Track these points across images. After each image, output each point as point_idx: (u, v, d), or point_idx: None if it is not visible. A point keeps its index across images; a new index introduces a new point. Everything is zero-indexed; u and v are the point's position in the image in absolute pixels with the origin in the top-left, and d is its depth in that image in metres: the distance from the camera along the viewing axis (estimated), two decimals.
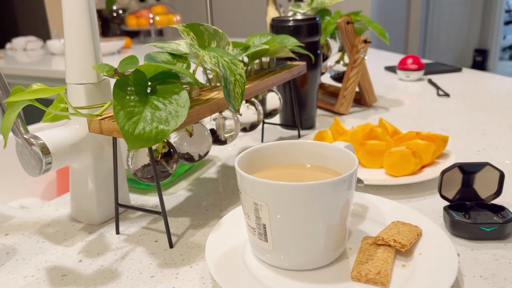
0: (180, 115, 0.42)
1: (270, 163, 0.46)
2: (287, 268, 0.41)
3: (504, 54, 5.29)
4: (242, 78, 0.49)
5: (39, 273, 0.44)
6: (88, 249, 0.48)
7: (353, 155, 0.42)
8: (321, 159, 0.46)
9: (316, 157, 0.46)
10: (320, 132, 0.70)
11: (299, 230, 0.39)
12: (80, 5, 0.48)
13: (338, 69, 1.03)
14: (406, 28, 4.03)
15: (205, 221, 0.53)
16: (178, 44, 0.53)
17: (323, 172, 0.45)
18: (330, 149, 0.45)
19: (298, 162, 0.47)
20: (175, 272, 0.43)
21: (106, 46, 2.07)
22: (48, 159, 0.46)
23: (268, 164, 0.46)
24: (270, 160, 0.46)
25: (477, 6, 4.58)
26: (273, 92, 0.73)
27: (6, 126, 0.43)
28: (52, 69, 1.82)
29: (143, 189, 0.62)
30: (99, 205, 0.53)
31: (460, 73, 1.34)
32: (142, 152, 0.48)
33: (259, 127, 0.83)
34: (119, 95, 0.41)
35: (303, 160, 0.47)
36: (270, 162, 0.46)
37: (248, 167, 0.43)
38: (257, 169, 0.45)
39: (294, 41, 0.66)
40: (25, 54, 2.41)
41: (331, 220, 0.39)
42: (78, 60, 0.49)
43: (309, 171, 0.45)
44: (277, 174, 0.45)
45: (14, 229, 0.53)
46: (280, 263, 0.41)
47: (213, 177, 0.66)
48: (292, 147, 0.47)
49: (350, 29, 0.91)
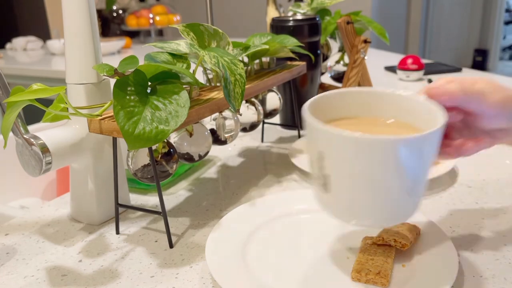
0: (180, 115, 0.42)
1: (346, 113, 0.41)
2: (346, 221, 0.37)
3: (504, 54, 5.28)
4: (242, 78, 0.49)
5: (39, 273, 0.44)
6: (88, 249, 0.48)
7: (440, 110, 0.36)
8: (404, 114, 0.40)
9: (399, 112, 0.40)
10: None
11: (363, 184, 0.34)
12: (80, 5, 0.48)
13: (338, 69, 1.03)
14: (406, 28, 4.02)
15: (205, 221, 0.53)
16: (178, 44, 0.53)
17: (404, 129, 0.39)
18: (415, 103, 0.39)
19: (377, 115, 0.41)
20: (175, 272, 0.43)
21: (106, 46, 2.07)
22: (48, 159, 0.46)
23: (342, 114, 0.41)
24: (345, 110, 0.41)
25: (477, 6, 4.57)
26: (273, 92, 0.73)
27: (6, 126, 0.43)
28: (52, 69, 1.82)
29: (143, 189, 0.62)
30: (99, 205, 0.53)
31: (460, 73, 1.34)
32: (142, 152, 0.48)
33: (259, 127, 0.83)
34: (119, 95, 0.41)
35: (383, 114, 0.41)
36: (346, 112, 0.41)
37: (319, 113, 0.37)
38: (329, 118, 0.40)
39: (294, 41, 0.66)
40: (25, 54, 2.41)
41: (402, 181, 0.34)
42: (78, 60, 0.49)
43: (388, 128, 0.40)
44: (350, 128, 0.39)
45: (14, 229, 0.53)
46: (341, 214, 0.37)
47: (213, 177, 0.66)
48: (371, 98, 0.41)
49: (350, 29, 0.91)
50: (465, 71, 1.36)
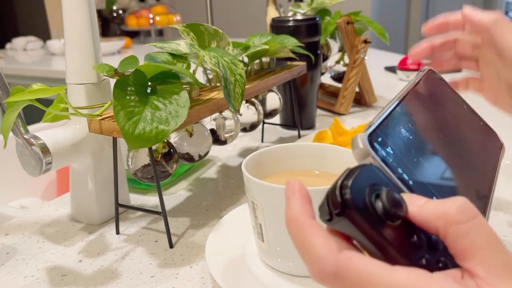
0: (180, 115, 0.42)
1: (279, 168, 0.46)
2: (283, 271, 0.41)
3: None
4: (242, 78, 0.49)
5: (39, 273, 0.44)
6: (88, 249, 0.48)
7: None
8: (330, 165, 0.45)
9: (325, 163, 0.45)
10: (320, 132, 0.70)
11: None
12: (80, 5, 0.48)
13: (338, 69, 1.03)
14: (406, 28, 4.02)
15: (205, 221, 0.53)
16: (178, 44, 0.53)
17: (329, 180, 0.44)
18: (340, 153, 0.44)
19: (307, 168, 0.46)
20: (175, 272, 0.43)
21: (106, 46, 2.07)
22: (48, 159, 0.46)
23: (277, 169, 0.46)
24: (279, 165, 0.46)
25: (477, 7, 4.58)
26: (273, 92, 0.73)
27: (6, 126, 0.43)
28: (52, 69, 1.82)
29: (143, 189, 0.62)
30: (99, 205, 0.53)
31: (460, 73, 1.34)
32: (142, 152, 0.48)
33: (259, 127, 0.83)
34: (119, 95, 0.41)
35: (312, 166, 0.46)
36: (279, 166, 0.46)
37: (254, 170, 0.42)
38: (267, 173, 0.45)
39: (294, 41, 0.66)
40: (25, 54, 2.41)
41: None
42: (78, 60, 0.49)
43: (316, 179, 0.45)
44: (283, 180, 0.44)
45: (14, 229, 0.53)
46: (277, 265, 0.41)
47: (213, 177, 0.66)
48: (301, 151, 0.46)
49: (350, 29, 0.91)
50: (465, 71, 1.36)
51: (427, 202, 0.22)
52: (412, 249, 0.21)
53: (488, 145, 0.35)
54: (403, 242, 0.21)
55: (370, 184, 0.22)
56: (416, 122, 0.30)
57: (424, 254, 0.21)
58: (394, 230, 0.21)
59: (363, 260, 0.20)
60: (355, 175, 0.21)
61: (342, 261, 0.20)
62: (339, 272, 0.20)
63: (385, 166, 0.24)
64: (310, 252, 0.21)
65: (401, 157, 0.25)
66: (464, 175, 0.30)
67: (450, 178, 0.28)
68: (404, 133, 0.27)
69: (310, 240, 0.21)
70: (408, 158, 0.26)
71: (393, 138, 0.26)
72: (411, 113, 0.30)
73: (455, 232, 0.21)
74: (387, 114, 0.27)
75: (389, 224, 0.21)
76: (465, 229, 0.21)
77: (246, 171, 0.39)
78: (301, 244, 0.22)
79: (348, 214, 0.20)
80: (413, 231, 0.22)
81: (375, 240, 0.21)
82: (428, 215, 0.22)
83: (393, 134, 0.26)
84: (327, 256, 0.21)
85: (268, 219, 0.39)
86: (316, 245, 0.21)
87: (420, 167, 0.26)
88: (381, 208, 0.21)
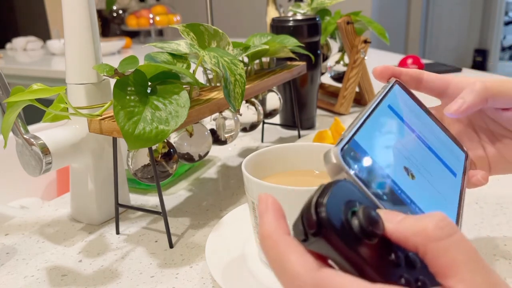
0: (180, 115, 0.42)
1: (279, 168, 0.46)
2: None
3: (504, 55, 5.28)
4: (242, 78, 0.49)
5: (39, 273, 0.44)
6: (88, 249, 0.48)
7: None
8: None
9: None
10: (320, 132, 0.70)
11: None
12: (80, 5, 0.48)
13: (338, 69, 1.03)
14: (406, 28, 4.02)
15: (205, 221, 0.53)
16: (178, 44, 0.53)
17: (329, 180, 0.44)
18: None
19: (307, 168, 0.46)
20: (175, 272, 0.43)
21: (106, 46, 2.07)
22: (48, 159, 0.46)
23: (277, 169, 0.46)
24: (279, 165, 0.46)
25: (477, 6, 4.57)
26: (273, 92, 0.73)
27: (6, 126, 0.43)
28: (52, 69, 1.82)
29: (143, 189, 0.62)
30: (99, 205, 0.53)
31: (460, 73, 1.34)
32: (142, 152, 0.48)
33: (259, 127, 0.83)
34: (119, 95, 0.41)
35: (312, 166, 0.46)
36: (279, 166, 0.46)
37: (254, 170, 0.42)
38: (266, 173, 0.45)
39: (294, 41, 0.66)
40: (25, 54, 2.41)
41: None
42: (78, 60, 0.49)
43: (316, 179, 0.45)
44: (282, 180, 0.44)
45: (14, 229, 0.53)
46: None
47: (213, 177, 0.66)
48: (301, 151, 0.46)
49: (350, 29, 0.91)
50: (465, 71, 1.36)
51: (404, 218, 0.22)
52: (390, 268, 0.20)
53: (455, 154, 0.35)
54: (381, 261, 0.20)
55: (346, 201, 0.21)
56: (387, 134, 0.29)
57: (402, 273, 0.20)
58: (371, 249, 0.20)
59: (343, 278, 0.19)
60: (330, 192, 0.21)
61: (322, 279, 0.19)
62: None
63: (359, 181, 0.23)
64: (286, 269, 0.20)
65: (373, 170, 0.25)
66: (436, 185, 0.30)
67: (423, 189, 0.28)
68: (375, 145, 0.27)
69: (286, 258, 0.20)
70: (381, 171, 0.25)
71: (365, 152, 0.26)
72: (381, 125, 0.29)
73: (435, 249, 0.20)
74: (358, 127, 0.27)
75: (366, 242, 0.20)
76: (444, 246, 0.20)
77: (246, 171, 0.40)
78: (276, 262, 0.21)
79: (325, 233, 0.20)
80: (390, 249, 0.21)
81: (352, 260, 0.20)
82: (405, 232, 0.21)
83: (365, 147, 0.26)
84: (306, 274, 0.19)
85: None
86: (293, 262, 0.20)
87: (393, 180, 0.26)
88: (358, 226, 0.20)
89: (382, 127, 0.29)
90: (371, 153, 0.26)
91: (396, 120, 0.32)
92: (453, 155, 0.35)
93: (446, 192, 0.30)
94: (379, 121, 0.29)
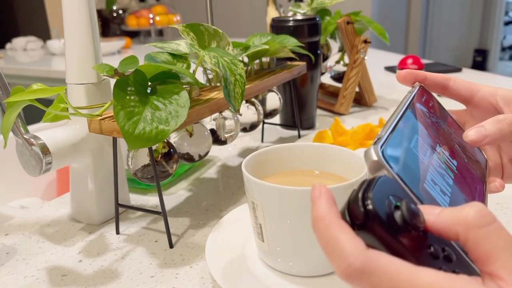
0: (180, 115, 0.42)
1: (279, 168, 0.46)
2: (283, 271, 0.41)
3: (504, 54, 5.28)
4: (242, 78, 0.49)
5: (39, 273, 0.44)
6: (88, 249, 0.48)
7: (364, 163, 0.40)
8: (330, 165, 0.45)
9: (325, 163, 0.45)
10: (320, 132, 0.70)
11: (290, 234, 0.39)
12: (80, 5, 0.48)
13: (338, 69, 1.03)
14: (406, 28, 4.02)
15: (205, 221, 0.53)
16: (178, 44, 0.53)
17: (329, 180, 0.44)
18: (340, 153, 0.44)
19: (307, 168, 0.46)
20: (175, 272, 0.43)
21: (106, 46, 2.07)
22: (48, 159, 0.46)
23: (277, 169, 0.46)
24: (279, 165, 0.46)
25: (477, 6, 4.58)
26: (273, 92, 0.73)
27: (6, 126, 0.43)
28: (52, 69, 1.82)
29: (143, 189, 0.62)
30: (99, 205, 0.53)
31: (460, 73, 1.34)
32: (142, 152, 0.48)
33: (259, 127, 0.83)
34: (119, 95, 0.41)
35: (312, 166, 0.46)
36: (279, 166, 0.46)
37: (254, 170, 0.42)
38: (266, 173, 0.45)
39: (294, 41, 0.66)
40: (25, 54, 2.41)
41: None
42: (78, 60, 0.49)
43: (316, 179, 0.45)
44: (282, 180, 0.44)
45: (14, 229, 0.53)
46: (277, 265, 0.41)
47: (213, 177, 0.66)
48: (301, 151, 0.46)
49: (350, 29, 0.91)
50: (465, 71, 1.36)
51: (443, 210, 0.23)
52: (430, 259, 0.21)
53: (477, 158, 0.36)
54: (422, 252, 0.21)
55: (388, 196, 0.22)
56: (417, 136, 0.31)
57: (441, 265, 0.21)
58: (413, 241, 0.21)
59: (391, 258, 0.20)
60: (374, 187, 0.22)
61: (371, 257, 0.20)
62: (368, 267, 0.20)
63: (398, 178, 0.24)
64: (338, 248, 0.21)
65: (409, 170, 0.26)
66: (463, 188, 0.31)
67: (452, 191, 0.29)
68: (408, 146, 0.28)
69: (338, 237, 0.21)
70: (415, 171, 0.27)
71: (400, 151, 0.27)
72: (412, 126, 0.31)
73: (476, 236, 0.21)
74: (393, 127, 0.28)
75: (408, 234, 0.21)
76: (486, 232, 0.21)
77: (246, 171, 0.40)
78: (327, 241, 0.22)
79: (371, 225, 0.21)
80: (429, 243, 0.22)
81: (396, 250, 0.21)
82: (446, 222, 0.22)
83: (399, 147, 0.27)
84: (356, 252, 0.21)
85: (268, 219, 0.39)
86: (344, 241, 0.21)
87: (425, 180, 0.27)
88: (401, 219, 0.21)
89: (412, 129, 0.31)
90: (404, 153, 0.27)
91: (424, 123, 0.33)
92: (476, 158, 0.36)
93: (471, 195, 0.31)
94: (409, 123, 0.31)
